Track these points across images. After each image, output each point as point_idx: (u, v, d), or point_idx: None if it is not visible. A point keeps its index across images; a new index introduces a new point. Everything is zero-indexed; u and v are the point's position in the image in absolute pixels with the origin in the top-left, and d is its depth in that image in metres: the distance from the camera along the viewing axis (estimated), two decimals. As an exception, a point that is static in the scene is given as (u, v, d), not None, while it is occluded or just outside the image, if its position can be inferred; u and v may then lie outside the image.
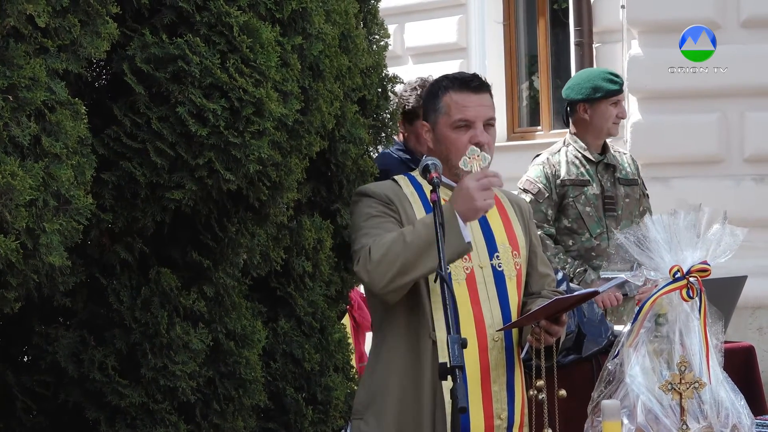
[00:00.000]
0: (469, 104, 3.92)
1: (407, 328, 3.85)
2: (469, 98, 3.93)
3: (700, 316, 3.93)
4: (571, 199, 6.04)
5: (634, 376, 3.88)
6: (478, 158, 3.74)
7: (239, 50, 4.38)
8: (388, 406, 3.84)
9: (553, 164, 6.11)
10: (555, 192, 6.02)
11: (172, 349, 4.73)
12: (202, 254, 4.94)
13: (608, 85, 6.18)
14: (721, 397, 3.88)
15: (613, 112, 6.21)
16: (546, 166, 6.11)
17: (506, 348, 3.87)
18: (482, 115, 3.92)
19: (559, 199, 6.03)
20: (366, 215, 3.85)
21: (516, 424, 3.92)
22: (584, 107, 6.17)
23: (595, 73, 6.40)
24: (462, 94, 3.94)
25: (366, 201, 3.89)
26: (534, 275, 4.06)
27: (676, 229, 3.94)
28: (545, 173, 6.08)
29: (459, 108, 3.91)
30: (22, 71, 3.76)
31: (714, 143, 9.55)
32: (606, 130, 6.24)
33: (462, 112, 3.90)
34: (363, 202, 3.90)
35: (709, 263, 3.94)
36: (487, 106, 3.95)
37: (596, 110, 6.19)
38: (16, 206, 3.70)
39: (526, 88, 11.49)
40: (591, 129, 6.20)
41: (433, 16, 11.38)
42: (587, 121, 6.19)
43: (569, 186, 6.06)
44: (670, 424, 3.80)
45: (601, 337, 5.31)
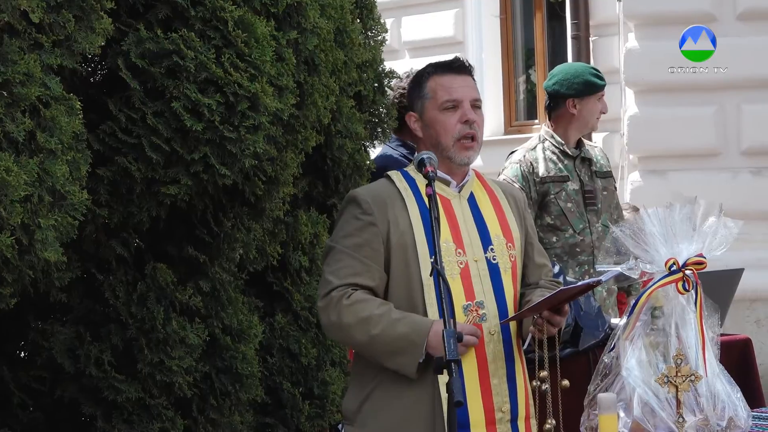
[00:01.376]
0: (455, 85, 3.93)
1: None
2: (454, 79, 3.94)
3: (696, 308, 3.93)
4: (552, 196, 6.02)
5: (630, 369, 3.88)
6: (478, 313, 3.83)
7: (234, 45, 4.38)
8: (377, 407, 3.83)
9: (530, 161, 6.09)
10: (534, 190, 6.00)
11: (168, 344, 4.73)
12: (198, 249, 4.94)
13: (597, 80, 6.20)
14: (717, 390, 3.88)
15: (598, 107, 6.23)
16: (523, 165, 6.08)
17: (504, 340, 3.86)
18: (468, 95, 3.92)
19: (539, 197, 6.00)
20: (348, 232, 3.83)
21: (521, 416, 3.90)
22: (573, 102, 6.16)
23: (582, 69, 6.38)
24: (446, 76, 3.95)
25: (351, 210, 3.86)
26: (531, 266, 4.05)
27: (672, 222, 3.94)
28: (522, 172, 6.06)
29: (445, 89, 3.92)
30: (17, 67, 3.76)
31: (711, 136, 9.54)
32: (591, 124, 6.28)
33: (449, 93, 3.91)
34: (348, 210, 3.88)
35: (704, 256, 3.93)
36: (472, 87, 3.96)
37: (585, 105, 6.18)
38: (11, 202, 3.70)
39: (523, 82, 11.48)
40: (577, 124, 6.19)
41: (429, 10, 11.38)
42: (574, 116, 6.18)
43: (549, 183, 6.05)
44: (666, 417, 3.80)
45: (598, 330, 5.30)
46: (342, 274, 3.77)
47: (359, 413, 3.86)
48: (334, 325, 3.76)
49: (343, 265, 3.79)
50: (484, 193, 3.99)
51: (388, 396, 3.79)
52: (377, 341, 3.71)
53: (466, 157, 3.90)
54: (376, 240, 3.79)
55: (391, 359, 3.73)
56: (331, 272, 3.80)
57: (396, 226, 3.80)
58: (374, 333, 3.70)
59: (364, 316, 3.70)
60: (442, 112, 3.90)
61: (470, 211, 3.92)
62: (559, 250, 6.00)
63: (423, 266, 3.75)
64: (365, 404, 3.85)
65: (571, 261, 6.03)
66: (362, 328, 3.70)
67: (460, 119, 3.88)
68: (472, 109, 3.90)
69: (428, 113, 3.93)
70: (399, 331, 3.70)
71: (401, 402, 3.78)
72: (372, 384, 3.83)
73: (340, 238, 3.84)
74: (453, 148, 3.88)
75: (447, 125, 3.89)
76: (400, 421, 3.78)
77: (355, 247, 3.79)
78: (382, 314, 3.72)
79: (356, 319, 3.71)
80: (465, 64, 4.00)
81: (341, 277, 3.76)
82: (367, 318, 3.70)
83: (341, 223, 3.88)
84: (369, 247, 3.79)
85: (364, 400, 3.85)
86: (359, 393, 3.88)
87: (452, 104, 3.90)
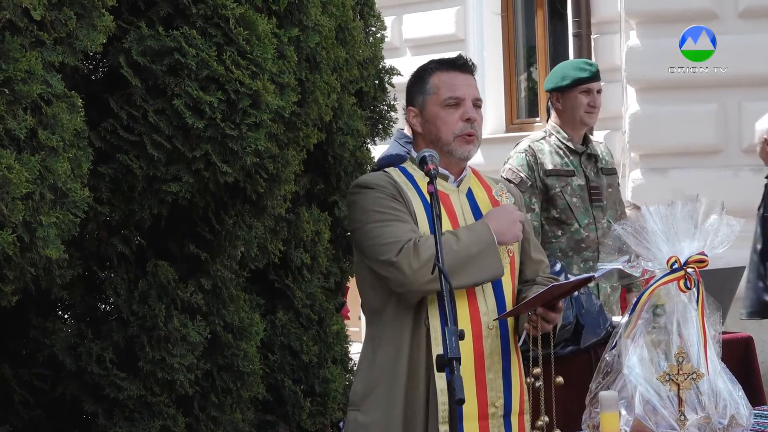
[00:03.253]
0: (458, 82, 3.93)
1: (403, 318, 3.84)
2: (457, 77, 3.95)
3: (697, 306, 3.92)
4: (558, 189, 6.00)
5: (632, 367, 3.87)
6: (506, 195, 3.92)
7: (235, 42, 4.38)
8: (384, 395, 3.83)
9: (536, 152, 6.05)
10: (539, 180, 5.97)
11: (169, 341, 4.73)
12: (200, 247, 4.94)
13: (577, 72, 6.09)
14: (719, 388, 3.88)
15: (584, 101, 6.08)
16: (528, 155, 6.04)
17: (501, 336, 3.87)
18: (471, 93, 3.93)
19: (543, 188, 5.97)
20: (383, 205, 3.83)
21: (514, 411, 3.90)
22: (556, 96, 6.13)
23: (568, 63, 6.35)
24: (450, 73, 3.95)
25: (372, 192, 3.86)
26: (528, 263, 4.05)
27: (674, 219, 3.93)
28: (527, 161, 6.02)
29: (448, 86, 3.92)
30: (18, 64, 3.75)
31: (712, 134, 9.54)
32: (578, 119, 6.12)
33: (452, 90, 3.91)
34: (369, 193, 3.86)
35: (706, 254, 3.93)
36: (474, 87, 3.97)
37: (567, 99, 6.12)
38: (13, 199, 3.70)
39: (525, 80, 11.48)
40: (565, 119, 6.14)
41: (431, 8, 11.37)
42: (560, 110, 6.15)
43: (554, 176, 6.02)
44: (668, 415, 3.79)
45: (600, 328, 5.30)
46: (401, 232, 3.76)
47: (366, 400, 3.86)
48: (420, 268, 3.70)
49: (395, 228, 3.78)
50: (481, 189, 3.99)
51: (395, 386, 3.80)
52: (461, 251, 3.73)
53: (466, 151, 3.90)
54: (406, 209, 3.82)
55: (478, 265, 3.75)
56: (390, 235, 3.77)
57: (412, 214, 3.83)
58: (455, 248, 3.72)
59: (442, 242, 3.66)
60: (443, 109, 3.91)
61: (469, 205, 3.93)
62: (564, 244, 5.98)
63: None
64: (374, 390, 3.85)
65: (576, 257, 6.01)
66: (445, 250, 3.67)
67: (461, 117, 3.89)
68: (473, 108, 3.91)
69: (429, 108, 3.93)
70: (474, 229, 3.78)
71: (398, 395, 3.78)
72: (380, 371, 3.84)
73: (373, 213, 3.82)
74: (453, 143, 3.88)
75: (448, 121, 3.89)
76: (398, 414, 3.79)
77: (395, 212, 3.80)
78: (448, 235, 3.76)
79: (432, 249, 3.67)
80: (469, 62, 4.01)
81: (403, 235, 3.76)
82: (444, 242, 3.69)
83: (364, 204, 3.85)
84: (406, 213, 3.82)
85: (372, 386, 3.86)
86: (367, 379, 3.89)
87: (455, 101, 3.90)
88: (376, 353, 3.89)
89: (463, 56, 4.04)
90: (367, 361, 3.94)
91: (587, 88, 6.09)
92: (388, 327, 3.88)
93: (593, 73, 6.12)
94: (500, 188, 4.06)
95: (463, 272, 3.73)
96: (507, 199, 4.00)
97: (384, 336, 3.89)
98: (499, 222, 3.81)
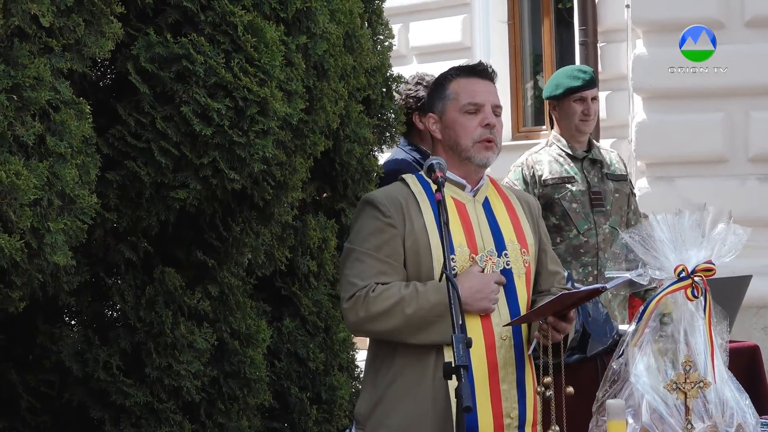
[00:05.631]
0: (478, 89, 3.94)
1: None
2: (478, 83, 3.95)
3: (704, 315, 3.92)
4: (557, 197, 6.02)
5: (638, 376, 3.87)
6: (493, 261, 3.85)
7: (244, 50, 4.38)
8: (391, 411, 3.82)
9: (531, 164, 6.08)
10: (534, 193, 5.99)
11: (176, 348, 4.73)
12: (207, 254, 4.94)
13: (569, 81, 6.10)
14: (726, 397, 3.88)
15: (578, 109, 6.08)
16: (524, 168, 6.09)
17: (515, 346, 3.86)
18: (491, 100, 3.93)
19: (543, 200, 5.98)
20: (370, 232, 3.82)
21: (528, 422, 3.90)
22: (553, 105, 6.15)
23: (562, 71, 6.35)
24: (470, 79, 3.96)
25: (371, 212, 3.86)
26: (544, 273, 4.04)
27: (681, 228, 3.93)
28: (523, 175, 6.06)
29: (468, 92, 3.93)
30: (27, 71, 3.76)
31: (718, 143, 9.53)
32: (574, 126, 6.12)
33: (471, 96, 3.92)
34: (369, 213, 3.87)
35: (713, 263, 3.93)
36: (494, 93, 3.98)
37: (562, 108, 6.14)
38: (21, 206, 3.70)
39: (531, 88, 11.48)
40: (562, 127, 6.16)
41: (437, 16, 11.37)
42: (558, 119, 6.17)
43: (551, 185, 6.04)
44: (674, 423, 3.79)
45: (606, 336, 5.29)
46: (366, 275, 3.77)
47: (371, 417, 3.86)
48: (364, 320, 3.75)
49: (366, 266, 3.79)
50: (498, 199, 3.99)
51: (401, 399, 3.79)
52: (415, 318, 3.70)
53: (485, 158, 3.90)
54: (396, 240, 3.80)
55: (429, 331, 3.71)
56: (355, 275, 3.80)
57: (411, 228, 3.81)
58: (409, 312, 3.70)
59: (395, 300, 3.70)
60: (463, 115, 3.91)
61: (485, 215, 3.92)
62: (563, 251, 5.99)
63: (436, 269, 3.75)
64: (377, 408, 3.84)
65: (574, 262, 6.02)
66: (396, 311, 3.69)
67: (480, 123, 3.89)
68: (492, 114, 3.92)
69: (449, 114, 3.94)
70: (432, 300, 3.70)
71: (413, 405, 3.78)
72: (384, 388, 3.83)
73: (360, 241, 3.84)
74: (473, 149, 3.88)
75: (467, 127, 3.89)
76: (411, 423, 3.78)
77: (376, 248, 3.79)
78: (410, 292, 3.72)
79: (387, 305, 3.70)
80: (489, 69, 4.02)
81: (365, 278, 3.77)
82: (399, 300, 3.70)
83: (359, 226, 3.87)
84: (390, 248, 3.80)
85: (376, 403, 3.85)
86: (371, 397, 3.88)
87: (474, 108, 3.91)
88: (380, 367, 3.88)
89: (483, 63, 4.05)
90: (372, 375, 3.93)
91: (581, 96, 6.10)
92: (392, 343, 3.87)
93: (586, 81, 6.12)
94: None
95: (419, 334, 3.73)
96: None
97: (384, 350, 3.89)
98: (473, 290, 3.74)
